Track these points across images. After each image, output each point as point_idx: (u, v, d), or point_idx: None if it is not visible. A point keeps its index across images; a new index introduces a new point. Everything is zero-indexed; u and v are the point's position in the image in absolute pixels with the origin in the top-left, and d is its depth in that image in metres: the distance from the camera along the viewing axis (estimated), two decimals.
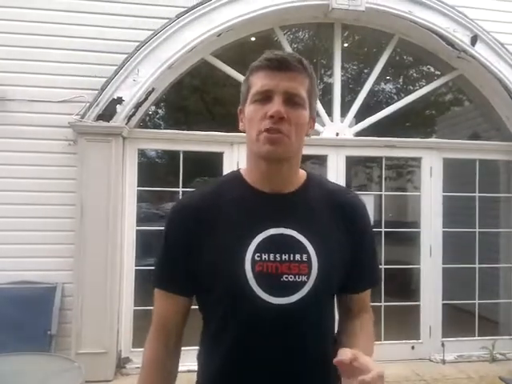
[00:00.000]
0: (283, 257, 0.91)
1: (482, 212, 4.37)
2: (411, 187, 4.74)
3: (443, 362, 4.10)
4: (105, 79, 3.54)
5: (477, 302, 4.37)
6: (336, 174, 4.11)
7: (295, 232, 0.94)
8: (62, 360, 2.00)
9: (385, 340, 4.16)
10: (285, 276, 0.90)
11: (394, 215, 5.57)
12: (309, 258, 0.93)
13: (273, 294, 0.90)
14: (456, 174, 4.51)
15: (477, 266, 4.37)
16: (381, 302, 4.26)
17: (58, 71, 3.53)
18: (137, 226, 3.77)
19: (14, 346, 2.60)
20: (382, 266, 4.30)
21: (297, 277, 0.91)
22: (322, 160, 4.61)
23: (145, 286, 3.97)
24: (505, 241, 4.53)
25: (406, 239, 5.12)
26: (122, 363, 3.66)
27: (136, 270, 3.79)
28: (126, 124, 3.62)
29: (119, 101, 3.55)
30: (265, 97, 0.90)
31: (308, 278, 0.92)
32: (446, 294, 4.29)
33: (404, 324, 4.43)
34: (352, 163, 6.11)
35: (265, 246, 0.91)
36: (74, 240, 3.41)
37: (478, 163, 4.35)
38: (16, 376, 2.06)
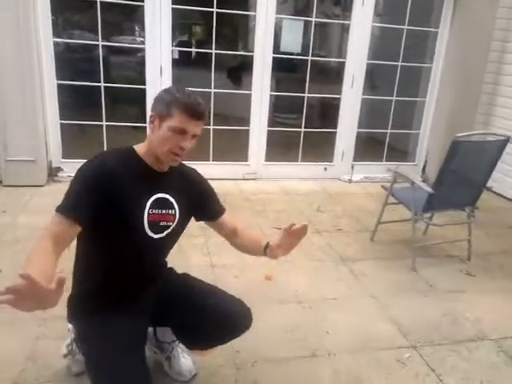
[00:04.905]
0: (162, 211, 1.48)
1: (408, 44, 4.47)
2: (342, 15, 4.68)
3: (350, 181, 4.67)
4: None
5: (389, 131, 4.78)
6: None
7: (170, 196, 1.51)
8: None
9: (301, 161, 4.63)
10: (161, 222, 1.49)
11: (322, 44, 5.60)
12: (175, 211, 1.52)
13: (154, 232, 1.47)
14: (388, 5, 4.46)
15: (394, 98, 4.66)
16: (301, 128, 4.59)
17: None
18: (54, 37, 3.66)
19: None
20: (306, 95, 4.53)
21: (167, 223, 1.51)
22: None
23: (69, 101, 4.06)
24: (426, 74, 4.76)
25: (331, 70, 5.27)
26: (53, 172, 3.94)
27: (59, 85, 3.81)
28: None
29: None
30: (180, 132, 1.37)
31: (173, 223, 1.52)
32: (363, 123, 4.65)
33: (320, 149, 4.86)
34: None
35: (154, 204, 1.46)
36: None
37: None
38: None
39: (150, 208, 1.44)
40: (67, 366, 1.73)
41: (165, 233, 1.50)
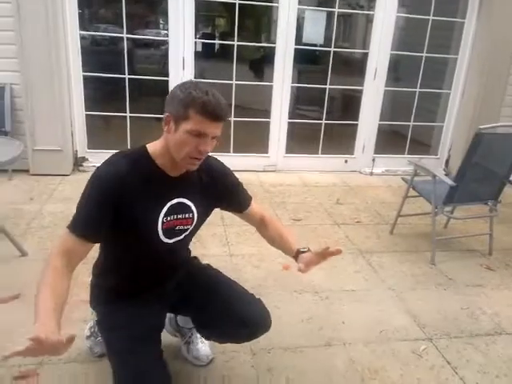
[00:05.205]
0: (178, 216, 1.43)
1: (433, 35, 4.39)
2: (367, 6, 4.61)
3: (371, 174, 4.64)
4: None
5: (411, 124, 4.72)
6: None
7: (187, 200, 1.44)
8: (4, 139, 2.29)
9: (322, 154, 4.61)
10: (177, 227, 1.45)
11: (345, 35, 5.54)
12: (193, 215, 1.47)
13: (169, 238, 1.45)
14: None
15: (417, 90, 4.59)
16: (321, 120, 4.58)
17: None
18: (80, 30, 3.75)
19: None
20: (328, 86, 4.50)
21: (185, 226, 1.47)
22: None
23: (94, 93, 4.16)
24: (451, 65, 4.67)
25: (354, 62, 5.22)
26: (79, 162, 4.05)
27: (84, 77, 3.90)
28: None
29: None
30: (198, 135, 1.26)
31: (190, 226, 1.49)
32: (385, 115, 4.60)
33: (341, 141, 4.84)
34: None
35: (170, 211, 1.41)
36: (15, 40, 3.43)
37: None
38: None
39: (164, 216, 1.39)
40: (90, 347, 1.80)
41: (183, 235, 1.49)
